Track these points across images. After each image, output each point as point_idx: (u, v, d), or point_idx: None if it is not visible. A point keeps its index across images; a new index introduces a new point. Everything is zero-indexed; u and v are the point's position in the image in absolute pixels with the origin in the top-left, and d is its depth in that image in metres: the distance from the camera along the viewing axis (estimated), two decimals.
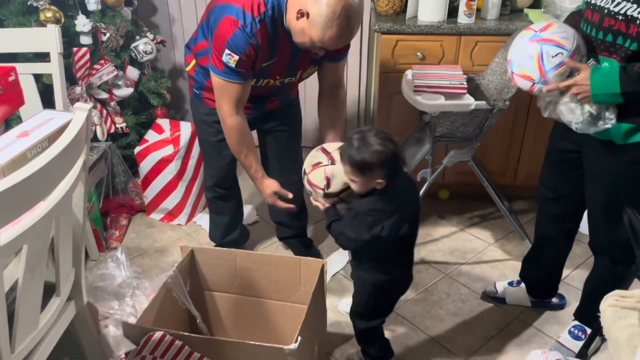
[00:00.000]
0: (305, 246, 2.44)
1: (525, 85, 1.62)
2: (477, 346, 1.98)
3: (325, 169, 1.63)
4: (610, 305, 1.54)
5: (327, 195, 1.64)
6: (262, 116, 2.09)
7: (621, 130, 1.55)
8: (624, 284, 1.65)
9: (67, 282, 1.45)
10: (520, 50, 1.60)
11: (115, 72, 2.55)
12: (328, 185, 1.62)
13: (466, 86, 2.19)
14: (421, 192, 2.36)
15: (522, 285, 2.14)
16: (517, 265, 2.25)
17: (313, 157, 1.70)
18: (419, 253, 2.45)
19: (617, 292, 1.56)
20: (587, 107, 1.54)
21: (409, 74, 2.37)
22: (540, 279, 2.09)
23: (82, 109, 1.33)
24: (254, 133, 2.23)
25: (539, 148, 2.62)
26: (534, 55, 1.56)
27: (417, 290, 2.25)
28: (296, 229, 2.44)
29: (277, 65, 1.83)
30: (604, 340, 1.84)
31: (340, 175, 1.58)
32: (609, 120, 1.53)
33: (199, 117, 2.09)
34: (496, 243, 2.55)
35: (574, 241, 1.99)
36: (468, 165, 2.37)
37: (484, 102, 2.17)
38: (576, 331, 1.95)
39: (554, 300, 2.13)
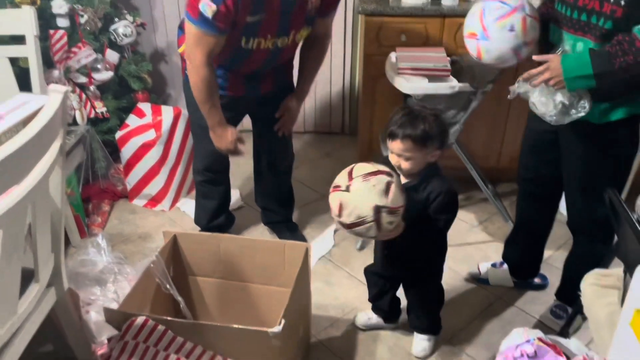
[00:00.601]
0: (290, 230, 2.43)
1: (472, 46, 1.66)
2: (461, 326, 2.00)
3: (340, 197, 1.48)
4: (591, 284, 1.56)
5: (340, 224, 1.51)
6: (256, 100, 2.06)
7: (596, 111, 1.56)
8: (604, 263, 1.67)
9: (46, 268, 1.43)
10: (469, 15, 1.66)
11: (94, 56, 2.50)
12: (339, 214, 1.48)
13: (450, 68, 2.19)
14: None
15: (505, 266, 2.16)
16: (501, 246, 2.26)
17: (339, 175, 1.54)
18: None
19: (597, 271, 1.58)
20: (559, 98, 1.54)
21: (392, 56, 2.35)
22: (522, 259, 2.12)
23: (58, 91, 1.30)
24: (247, 120, 2.22)
25: (522, 131, 2.62)
26: (477, 13, 1.62)
27: None
28: (282, 215, 2.43)
29: (267, 21, 1.76)
30: (585, 319, 1.87)
31: (352, 207, 1.45)
32: (582, 108, 1.53)
33: (191, 100, 2.02)
34: (480, 225, 2.56)
35: (555, 222, 2.02)
36: (452, 148, 2.37)
37: (467, 84, 2.16)
38: (558, 310, 1.97)
39: (537, 280, 2.16)
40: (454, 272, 2.27)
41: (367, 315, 1.99)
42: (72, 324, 1.58)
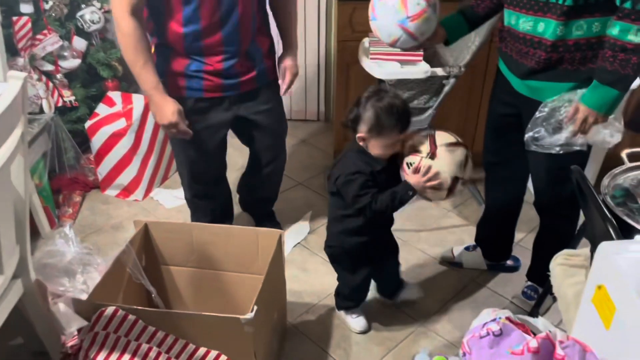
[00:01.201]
0: (269, 218, 2.40)
1: (373, 29, 1.70)
2: (435, 309, 2.02)
3: (423, 163, 1.57)
4: (559, 264, 1.59)
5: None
6: (236, 98, 1.93)
7: (558, 92, 1.58)
8: (572, 244, 1.70)
9: (11, 259, 1.40)
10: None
11: (61, 43, 2.44)
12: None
13: (422, 53, 2.18)
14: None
15: (478, 249, 2.18)
16: (475, 230, 2.29)
17: (413, 140, 1.62)
18: None
19: (565, 251, 1.61)
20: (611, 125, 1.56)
21: (366, 41, 2.34)
22: (494, 242, 2.14)
23: (16, 77, 1.27)
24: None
25: None
26: None
27: None
28: (263, 209, 2.40)
29: None
30: (555, 299, 1.90)
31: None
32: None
33: None
34: (454, 209, 2.59)
35: (527, 204, 2.04)
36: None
37: (439, 69, 2.17)
38: (529, 291, 2.01)
39: (509, 262, 2.19)
40: (428, 256, 2.29)
41: (360, 319, 1.95)
42: (40, 316, 1.56)
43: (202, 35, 1.77)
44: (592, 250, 1.49)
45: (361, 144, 1.63)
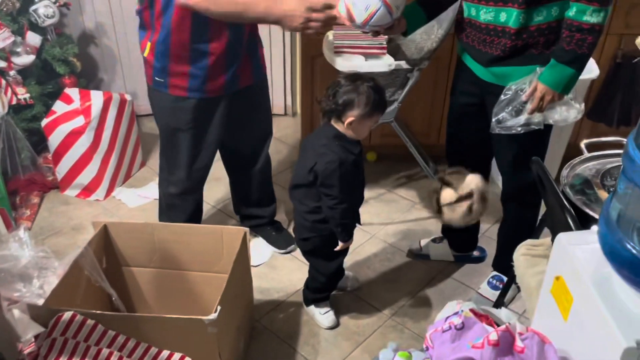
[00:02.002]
0: (276, 230, 2.31)
1: (343, 9, 1.61)
2: (403, 302, 2.03)
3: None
4: (522, 254, 1.60)
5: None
6: (233, 96, 1.89)
7: (524, 75, 1.61)
8: (534, 233, 1.72)
9: None
10: None
11: (13, 38, 2.34)
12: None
13: (386, 46, 2.18)
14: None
15: (445, 241, 2.20)
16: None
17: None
18: None
19: (528, 241, 1.62)
20: (568, 104, 1.61)
21: (329, 34, 2.32)
22: (460, 233, 2.16)
23: None
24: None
25: None
26: None
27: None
28: (266, 217, 2.30)
29: None
30: (520, 289, 1.93)
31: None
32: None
33: (164, 107, 1.87)
34: (421, 202, 2.60)
35: (493, 195, 2.06)
36: (391, 126, 2.37)
37: (403, 62, 2.16)
38: (494, 281, 2.03)
39: (475, 253, 2.21)
40: (396, 249, 2.29)
41: (329, 314, 1.95)
42: None
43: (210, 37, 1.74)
44: (553, 240, 1.51)
45: (347, 128, 1.63)
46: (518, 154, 1.74)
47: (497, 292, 1.98)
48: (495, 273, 2.05)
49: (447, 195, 1.73)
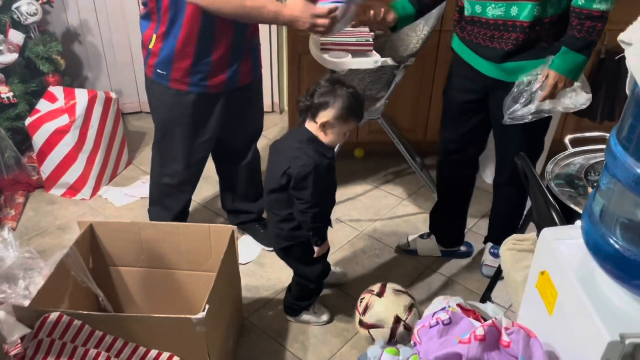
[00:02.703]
0: (263, 227, 2.30)
1: None
2: None
3: (370, 298, 1.79)
4: (508, 249, 1.61)
5: (360, 321, 1.80)
6: (232, 93, 1.89)
7: (528, 69, 1.64)
8: (520, 229, 1.74)
9: None
10: None
11: None
12: (364, 312, 1.78)
13: (372, 43, 2.18)
14: (335, 152, 2.35)
15: (433, 237, 2.21)
16: (429, 218, 2.32)
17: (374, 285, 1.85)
18: (335, 213, 2.45)
19: (514, 236, 1.64)
20: (574, 92, 1.65)
21: None
22: (448, 228, 2.18)
23: None
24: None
25: None
26: None
27: (333, 249, 2.25)
28: (254, 213, 2.29)
29: None
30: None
31: (377, 310, 1.76)
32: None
33: (163, 100, 1.87)
34: (409, 198, 2.61)
35: (478, 190, 2.09)
36: (378, 122, 2.38)
37: (389, 59, 2.16)
38: (495, 251, 2.09)
39: (462, 248, 2.23)
40: (384, 245, 2.30)
41: (321, 308, 1.96)
42: None
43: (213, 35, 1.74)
44: (538, 235, 1.53)
45: (320, 130, 1.62)
46: (522, 141, 1.78)
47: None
48: (491, 244, 2.12)
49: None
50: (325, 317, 1.93)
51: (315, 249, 1.74)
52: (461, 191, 2.09)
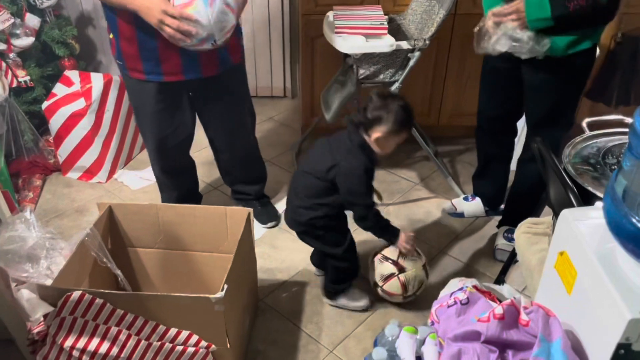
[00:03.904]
0: (262, 205, 2.34)
1: None
2: None
3: (399, 279, 1.83)
4: (523, 232, 1.62)
5: (406, 298, 1.88)
6: (198, 83, 1.87)
7: (561, 45, 1.66)
8: (535, 212, 1.74)
9: None
10: None
11: (12, 20, 2.33)
12: (406, 290, 1.84)
13: (387, 26, 2.17)
14: None
15: (477, 198, 2.34)
16: (442, 202, 2.34)
17: (381, 268, 1.86)
18: None
19: (529, 219, 1.65)
20: (527, 33, 1.64)
21: (330, 15, 2.32)
22: (491, 191, 2.30)
23: None
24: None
25: (461, 88, 2.67)
26: None
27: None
28: (252, 194, 2.33)
29: None
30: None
31: (412, 277, 1.83)
32: (544, 46, 1.66)
33: (130, 90, 1.92)
34: (422, 182, 2.61)
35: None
36: None
37: (404, 42, 2.16)
38: (509, 235, 2.13)
39: (502, 206, 2.32)
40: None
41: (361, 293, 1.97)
42: (3, 304, 1.51)
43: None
44: (555, 218, 1.53)
45: (374, 142, 1.69)
46: (555, 114, 1.81)
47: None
48: (507, 227, 2.16)
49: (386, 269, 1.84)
50: (362, 303, 1.93)
51: (397, 244, 1.82)
52: (500, 156, 2.18)
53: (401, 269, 1.82)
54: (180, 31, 1.59)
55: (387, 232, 1.80)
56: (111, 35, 1.81)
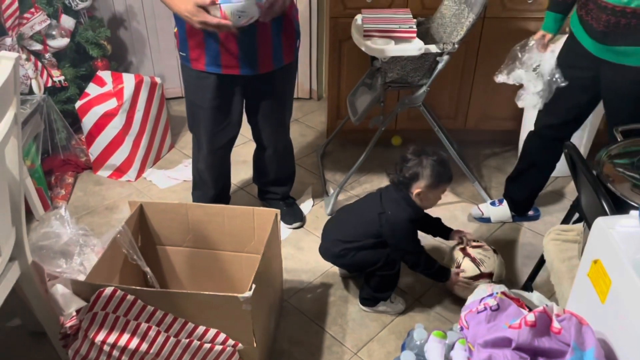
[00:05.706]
0: (287, 205, 2.37)
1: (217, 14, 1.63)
2: (429, 285, 2.04)
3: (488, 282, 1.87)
4: (553, 239, 1.61)
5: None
6: (252, 79, 1.92)
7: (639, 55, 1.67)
8: (565, 220, 1.72)
9: (8, 241, 1.40)
10: None
11: (48, 22, 2.39)
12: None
13: (415, 30, 2.17)
14: (373, 140, 2.37)
15: (504, 203, 2.33)
16: (467, 206, 2.32)
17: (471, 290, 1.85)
18: None
19: (558, 226, 1.64)
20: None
21: (358, 18, 2.32)
22: (523, 197, 2.29)
23: (8, 57, 1.24)
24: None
25: (489, 92, 2.65)
26: None
27: None
28: (280, 194, 2.36)
29: None
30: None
31: (499, 273, 1.91)
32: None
33: (188, 82, 1.95)
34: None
35: None
36: (420, 110, 2.38)
37: (433, 46, 2.15)
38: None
39: (530, 212, 2.34)
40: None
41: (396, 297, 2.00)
42: (38, 297, 1.56)
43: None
44: (584, 225, 1.51)
45: (416, 198, 1.79)
46: (630, 114, 1.79)
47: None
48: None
49: (469, 269, 1.88)
50: (401, 306, 1.94)
51: (448, 285, 1.92)
52: (545, 163, 2.16)
53: (489, 274, 1.89)
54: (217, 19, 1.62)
55: (439, 274, 1.89)
56: (175, 29, 1.87)
